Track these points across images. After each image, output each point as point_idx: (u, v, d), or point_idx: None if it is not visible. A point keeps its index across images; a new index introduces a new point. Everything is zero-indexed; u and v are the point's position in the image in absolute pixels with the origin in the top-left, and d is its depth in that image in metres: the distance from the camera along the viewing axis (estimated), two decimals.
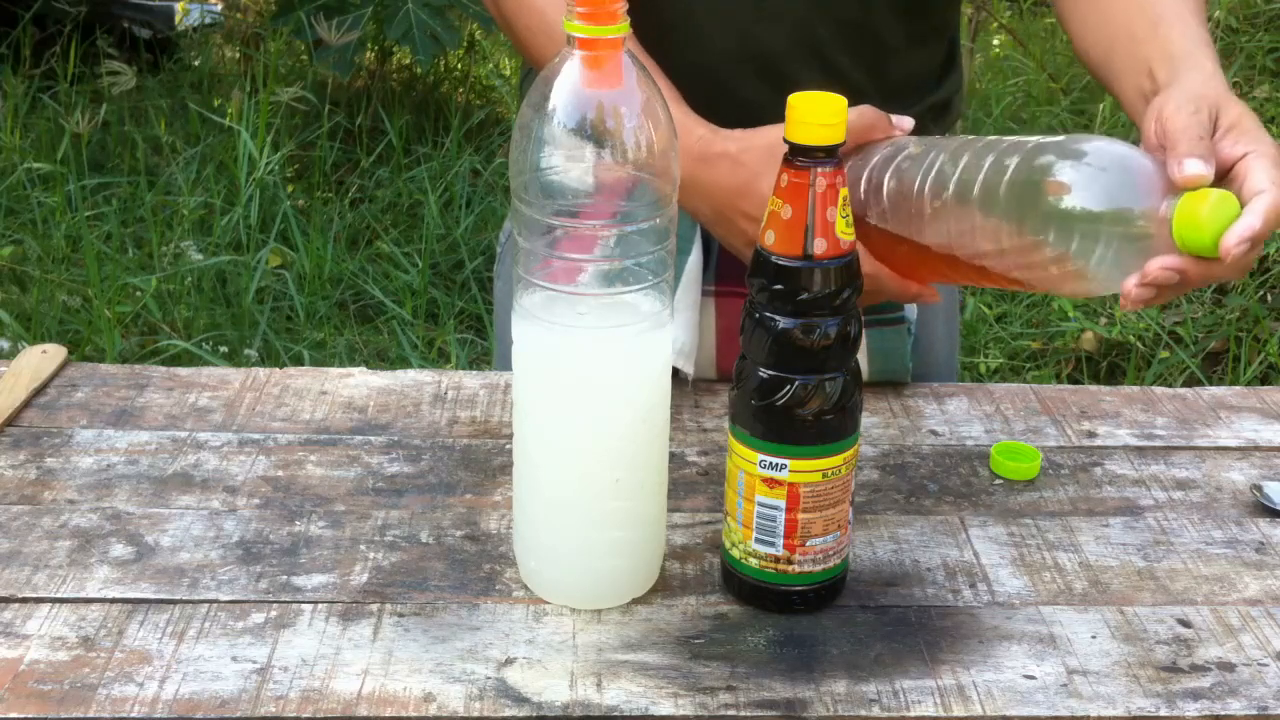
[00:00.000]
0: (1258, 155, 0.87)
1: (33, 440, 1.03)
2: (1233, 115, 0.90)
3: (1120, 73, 1.02)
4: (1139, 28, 1.00)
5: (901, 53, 1.15)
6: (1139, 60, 0.99)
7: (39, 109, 3.49)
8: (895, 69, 1.15)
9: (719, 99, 1.12)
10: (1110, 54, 1.03)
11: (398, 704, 0.78)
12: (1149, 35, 0.99)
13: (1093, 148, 0.86)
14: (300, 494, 0.97)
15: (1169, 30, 0.98)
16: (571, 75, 0.77)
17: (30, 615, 0.84)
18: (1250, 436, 1.09)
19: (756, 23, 1.10)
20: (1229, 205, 0.83)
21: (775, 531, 0.84)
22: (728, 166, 1.00)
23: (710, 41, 1.12)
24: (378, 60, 3.96)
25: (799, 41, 1.10)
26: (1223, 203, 0.82)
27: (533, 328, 0.82)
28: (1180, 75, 0.94)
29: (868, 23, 1.12)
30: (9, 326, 2.52)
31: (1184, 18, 0.99)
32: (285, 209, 3.00)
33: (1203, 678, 0.82)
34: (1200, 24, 1.00)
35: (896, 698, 0.79)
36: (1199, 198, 0.83)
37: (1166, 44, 0.98)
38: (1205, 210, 0.82)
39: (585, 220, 0.80)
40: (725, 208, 1.02)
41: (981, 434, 1.08)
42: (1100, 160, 0.85)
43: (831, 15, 1.10)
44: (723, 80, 1.12)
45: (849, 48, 1.11)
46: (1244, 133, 0.89)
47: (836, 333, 0.81)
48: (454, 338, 2.72)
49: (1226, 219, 0.82)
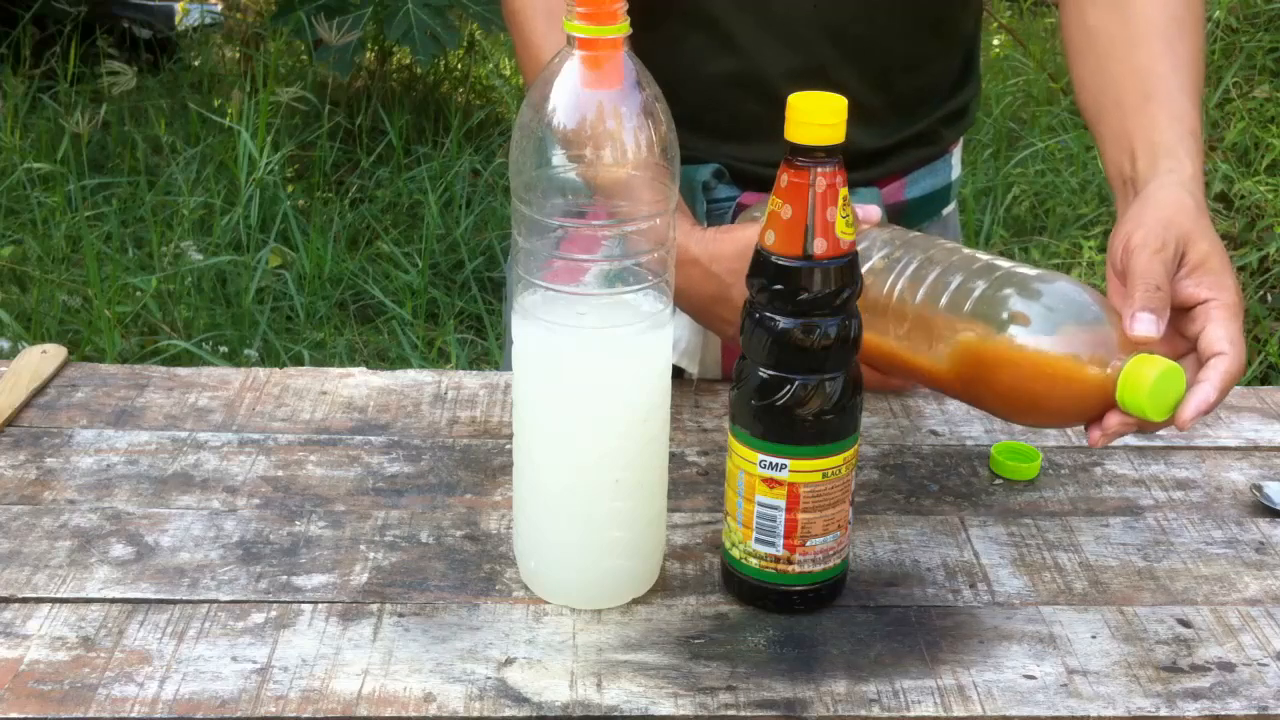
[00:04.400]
0: (1219, 305, 0.88)
1: (33, 440, 1.03)
2: (1200, 252, 0.90)
3: (1105, 142, 1.01)
4: (1129, 99, 0.99)
5: (911, 69, 1.14)
6: (1124, 135, 0.98)
7: (39, 109, 3.49)
8: (904, 85, 1.14)
9: (717, 117, 1.12)
10: (1100, 118, 1.03)
11: (398, 704, 0.78)
12: (1138, 109, 0.98)
13: (1052, 289, 0.88)
14: (300, 494, 0.97)
15: (1157, 110, 0.97)
16: (571, 75, 0.77)
17: (30, 615, 0.84)
18: (1250, 436, 1.09)
19: (759, 45, 1.09)
20: (1172, 381, 0.84)
21: (775, 531, 0.84)
22: (700, 275, 1.00)
23: (710, 63, 1.11)
24: (378, 60, 3.96)
25: (803, 63, 1.08)
26: (1165, 380, 0.83)
27: (533, 328, 0.82)
28: (1157, 177, 0.94)
29: (877, 42, 1.11)
30: (9, 326, 2.52)
31: (1173, 96, 0.98)
32: (285, 209, 3.00)
33: (1203, 678, 0.82)
34: (1193, 100, 0.98)
35: (896, 698, 0.79)
36: (1142, 369, 0.84)
37: (1151, 128, 0.97)
38: (1150, 384, 0.83)
39: (585, 220, 0.80)
40: (702, 312, 1.04)
41: (981, 434, 1.08)
42: (1058, 303, 0.87)
43: (839, 37, 1.09)
44: (722, 100, 1.12)
45: (856, 67, 1.10)
46: (1208, 273, 0.89)
47: (836, 333, 0.81)
48: (454, 338, 2.72)
49: (1169, 393, 0.84)
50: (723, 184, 1.14)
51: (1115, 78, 1.01)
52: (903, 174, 1.18)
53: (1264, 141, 3.13)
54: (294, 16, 3.46)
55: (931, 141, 1.19)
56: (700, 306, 1.03)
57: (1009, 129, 3.56)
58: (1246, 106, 3.24)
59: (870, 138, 1.13)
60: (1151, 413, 0.84)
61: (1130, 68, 1.00)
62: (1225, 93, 3.23)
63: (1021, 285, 0.89)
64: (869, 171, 1.15)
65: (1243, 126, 3.17)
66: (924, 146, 1.18)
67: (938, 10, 1.13)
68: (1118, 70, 1.01)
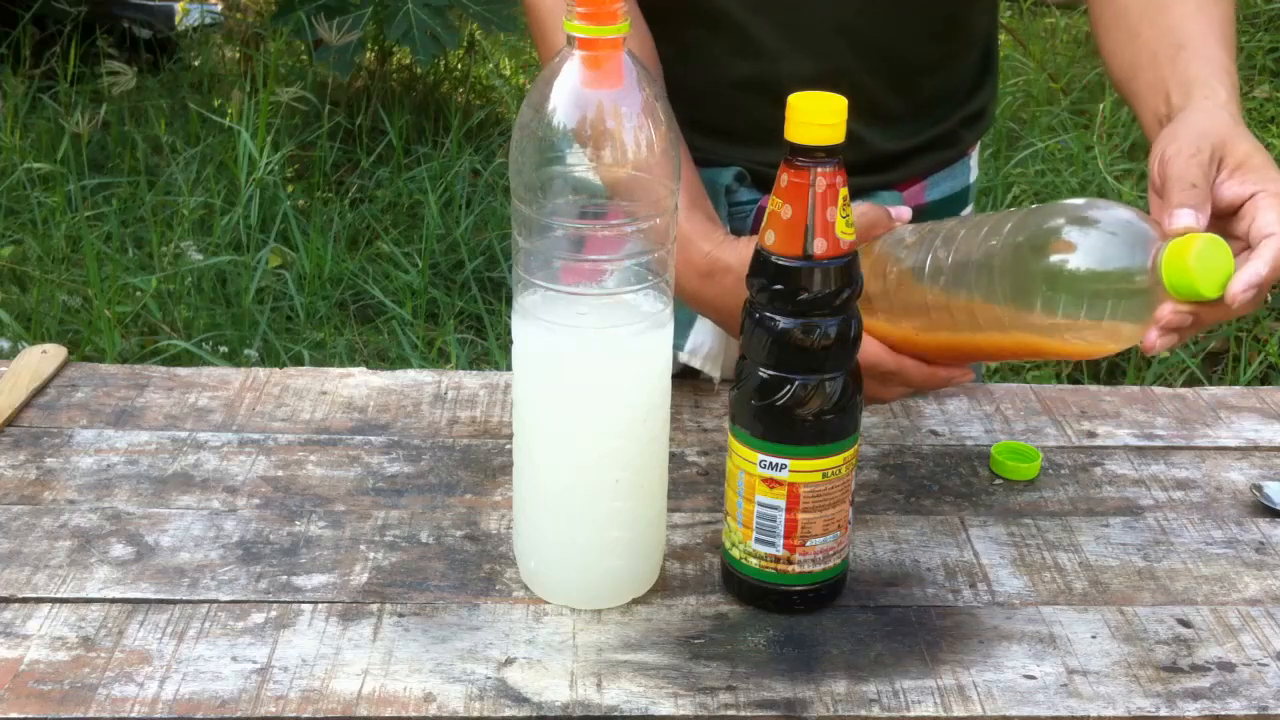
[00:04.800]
0: (1266, 194, 0.86)
1: (33, 440, 1.03)
2: (1241, 152, 0.88)
3: (1140, 95, 1.01)
4: (1162, 51, 0.99)
5: (932, 72, 1.14)
6: (1158, 84, 0.98)
7: (39, 109, 3.49)
8: (926, 88, 1.14)
9: (739, 122, 1.12)
10: (1133, 76, 1.02)
11: (398, 704, 0.78)
12: (1171, 59, 0.98)
13: (1095, 210, 0.86)
14: (300, 494, 0.97)
15: (1191, 56, 0.97)
16: (571, 75, 0.77)
17: (30, 615, 0.84)
18: (1250, 436, 1.09)
19: (779, 52, 1.09)
20: (1216, 250, 0.81)
21: (775, 531, 0.84)
22: (732, 282, 0.99)
23: (728, 69, 1.11)
24: (378, 60, 3.96)
25: (823, 69, 1.07)
26: (1209, 248, 0.81)
27: (533, 327, 0.82)
28: (1192, 103, 0.93)
29: (897, 47, 1.10)
30: (9, 326, 2.52)
31: (1208, 44, 0.98)
32: (285, 209, 3.00)
33: (1203, 678, 0.82)
34: (1225, 49, 0.98)
35: (896, 698, 0.79)
36: (1185, 244, 0.81)
37: (1186, 69, 0.96)
38: (1191, 258, 0.80)
39: (585, 220, 0.80)
40: (731, 319, 1.02)
41: (981, 434, 1.08)
42: (1103, 221, 0.85)
43: (859, 43, 1.09)
44: (743, 105, 1.11)
45: (877, 72, 1.10)
46: (1252, 170, 0.87)
47: (836, 333, 0.81)
48: (454, 338, 2.71)
49: (1214, 264, 0.81)
50: (744, 187, 1.14)
51: (1147, 40, 1.01)
52: (923, 177, 1.18)
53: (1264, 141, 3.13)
54: (294, 16, 3.46)
55: (951, 144, 1.19)
56: (729, 314, 1.01)
57: (1009, 129, 3.56)
58: (1246, 106, 3.24)
59: (891, 141, 1.13)
60: (1201, 286, 0.80)
61: (1162, 29, 1.00)
62: None
63: (1061, 214, 0.86)
64: (889, 175, 1.15)
65: None
66: (944, 149, 1.19)
67: (951, 10, 1.13)
68: (1149, 33, 1.01)
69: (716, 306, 1.01)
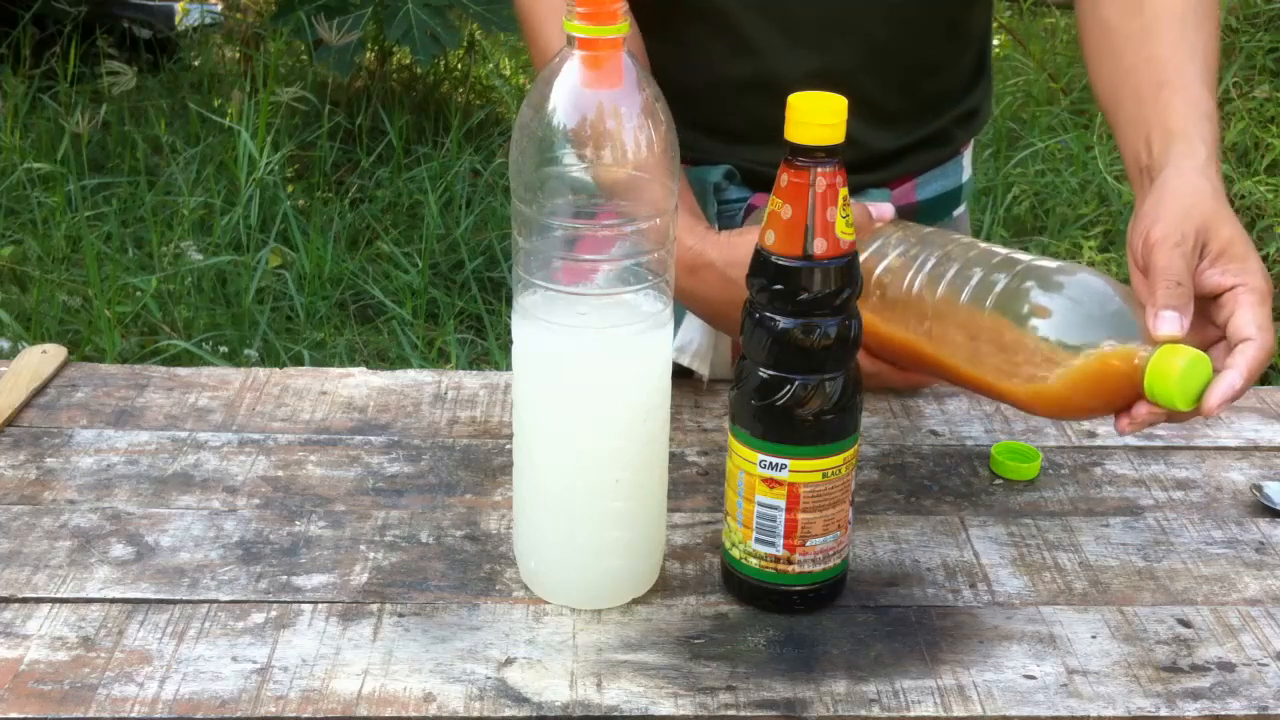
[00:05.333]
0: (1247, 290, 0.88)
1: (33, 440, 1.03)
2: (1223, 238, 0.89)
3: (1122, 128, 1.01)
4: (1144, 86, 0.99)
5: (930, 72, 1.14)
6: (1140, 122, 0.98)
7: (39, 109, 3.49)
8: (923, 87, 1.14)
9: (733, 120, 1.12)
10: (1116, 106, 1.02)
11: (398, 704, 0.78)
12: (1152, 96, 0.98)
13: (1074, 281, 0.88)
14: (300, 494, 0.97)
15: (1172, 97, 0.97)
16: (571, 75, 0.77)
17: (30, 615, 0.84)
18: (1250, 436, 1.09)
19: (776, 52, 1.09)
20: (1199, 370, 0.84)
21: (775, 531, 0.84)
22: (715, 279, 1.00)
23: (728, 67, 1.11)
24: (378, 60, 3.96)
25: (821, 69, 1.07)
26: (1193, 369, 0.83)
27: (533, 327, 0.82)
28: (1172, 163, 0.94)
29: (896, 47, 1.10)
30: (9, 326, 2.52)
31: (1189, 82, 0.98)
32: (285, 209, 3.00)
33: (1203, 678, 0.82)
34: (1207, 86, 0.98)
35: (896, 698, 0.79)
36: (1172, 356, 0.84)
37: (1166, 114, 0.97)
38: (1177, 374, 0.83)
39: (585, 220, 0.80)
40: (717, 316, 1.03)
41: (981, 434, 1.08)
42: (1080, 295, 0.87)
43: (858, 43, 1.09)
44: (738, 103, 1.11)
45: (876, 72, 1.10)
46: (1233, 259, 0.89)
47: (836, 333, 0.81)
48: (454, 338, 2.71)
49: (1195, 383, 0.84)
50: (734, 185, 1.14)
51: (1131, 68, 1.01)
52: (914, 175, 1.18)
53: (1264, 141, 3.13)
54: (294, 16, 3.46)
55: (944, 143, 1.19)
56: (716, 310, 1.02)
57: (1009, 129, 3.56)
58: (1246, 106, 3.24)
59: (884, 139, 1.13)
60: (1180, 402, 0.83)
61: (1145, 57, 1.00)
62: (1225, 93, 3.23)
63: (1043, 278, 0.88)
64: (880, 173, 1.15)
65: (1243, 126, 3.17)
66: (936, 148, 1.18)
67: (950, 11, 1.13)
68: (1133, 61, 1.01)
69: (701, 301, 1.02)
